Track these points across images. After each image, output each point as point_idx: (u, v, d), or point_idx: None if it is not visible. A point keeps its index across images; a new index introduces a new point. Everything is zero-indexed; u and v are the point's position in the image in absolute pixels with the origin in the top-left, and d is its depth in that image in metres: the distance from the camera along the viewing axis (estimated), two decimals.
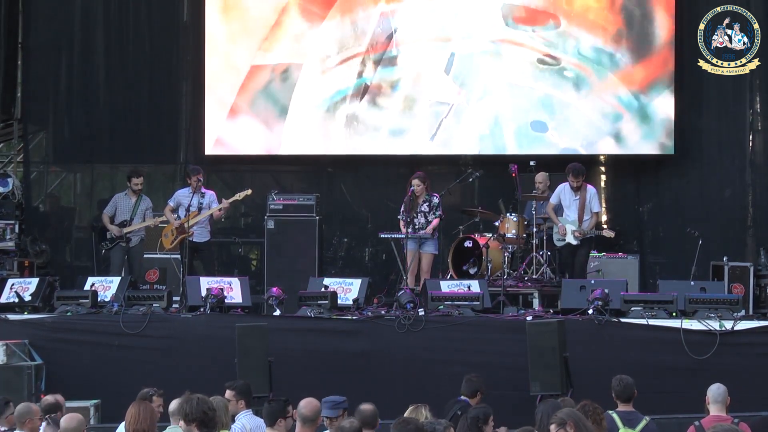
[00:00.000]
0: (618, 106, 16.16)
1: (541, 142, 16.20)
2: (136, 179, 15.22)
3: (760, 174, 16.16)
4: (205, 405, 6.69)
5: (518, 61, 16.26)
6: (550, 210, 14.60)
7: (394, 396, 10.94)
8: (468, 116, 16.33)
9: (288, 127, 16.68)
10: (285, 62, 16.68)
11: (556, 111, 16.20)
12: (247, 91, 16.72)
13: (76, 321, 13.13)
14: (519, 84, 16.27)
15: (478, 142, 16.36)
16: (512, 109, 16.29)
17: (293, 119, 16.66)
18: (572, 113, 16.20)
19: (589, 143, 16.22)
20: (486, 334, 12.65)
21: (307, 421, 7.99)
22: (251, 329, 11.98)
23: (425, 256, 14.46)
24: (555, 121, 16.20)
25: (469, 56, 16.34)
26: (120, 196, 15.34)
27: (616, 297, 12.72)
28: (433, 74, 16.42)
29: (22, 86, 17.29)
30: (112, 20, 17.16)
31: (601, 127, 16.21)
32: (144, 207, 15.23)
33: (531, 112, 16.23)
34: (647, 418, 9.02)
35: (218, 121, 16.74)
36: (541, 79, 16.21)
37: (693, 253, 14.54)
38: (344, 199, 17.24)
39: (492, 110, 16.30)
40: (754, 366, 11.88)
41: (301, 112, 16.65)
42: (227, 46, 16.77)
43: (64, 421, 7.75)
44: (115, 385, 12.29)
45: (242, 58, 16.74)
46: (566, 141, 16.22)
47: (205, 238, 14.91)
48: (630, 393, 9.15)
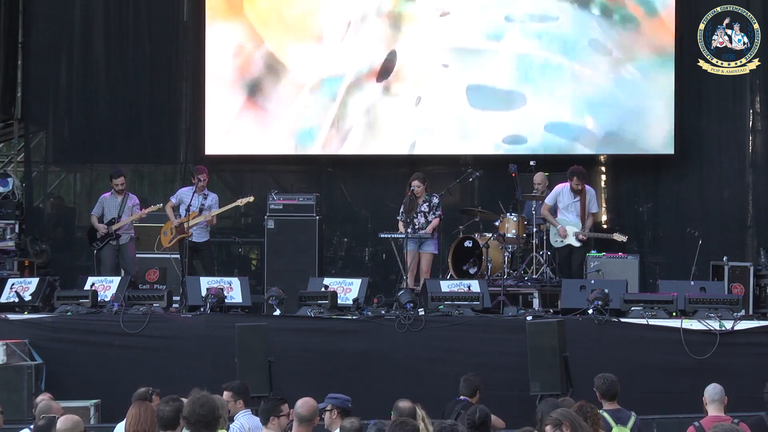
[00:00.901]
0: (617, 105, 16.16)
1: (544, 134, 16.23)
2: (117, 179, 15.20)
3: (760, 174, 16.16)
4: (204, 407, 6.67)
5: (517, 60, 16.28)
6: (545, 211, 14.59)
7: (394, 396, 10.87)
8: (471, 112, 16.35)
9: (288, 127, 16.68)
10: (285, 62, 16.68)
11: (558, 106, 16.22)
12: (247, 91, 16.72)
13: (76, 321, 13.13)
14: (520, 80, 16.28)
15: (482, 137, 16.37)
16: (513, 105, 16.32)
17: (293, 119, 16.66)
18: (571, 111, 16.22)
19: (589, 142, 16.22)
20: (486, 334, 12.64)
21: (303, 420, 7.99)
22: (251, 329, 11.97)
23: (425, 256, 14.46)
24: (557, 116, 16.22)
25: (471, 52, 16.35)
26: (105, 197, 15.34)
27: (616, 297, 12.72)
28: (433, 74, 16.42)
29: (22, 86, 17.29)
30: (112, 20, 17.16)
31: (601, 127, 16.22)
32: (131, 204, 15.21)
33: (534, 106, 16.24)
34: (634, 414, 9.04)
35: (218, 121, 16.74)
36: (541, 77, 16.24)
37: (693, 253, 14.53)
38: (344, 199, 17.24)
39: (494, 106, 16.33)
40: (754, 366, 11.86)
41: (301, 112, 16.65)
42: (227, 46, 16.77)
43: (61, 423, 7.72)
44: (115, 385, 12.28)
45: (242, 58, 16.74)
46: (570, 131, 16.23)
47: (204, 238, 14.92)
48: (615, 390, 9.17)
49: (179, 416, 7.17)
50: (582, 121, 16.25)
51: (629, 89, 16.14)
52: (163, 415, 7.24)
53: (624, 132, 16.20)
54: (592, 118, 16.22)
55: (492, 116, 16.34)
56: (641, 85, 16.11)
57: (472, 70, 16.38)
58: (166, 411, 7.25)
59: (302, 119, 16.67)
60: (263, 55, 16.72)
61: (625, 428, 8.92)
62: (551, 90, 16.25)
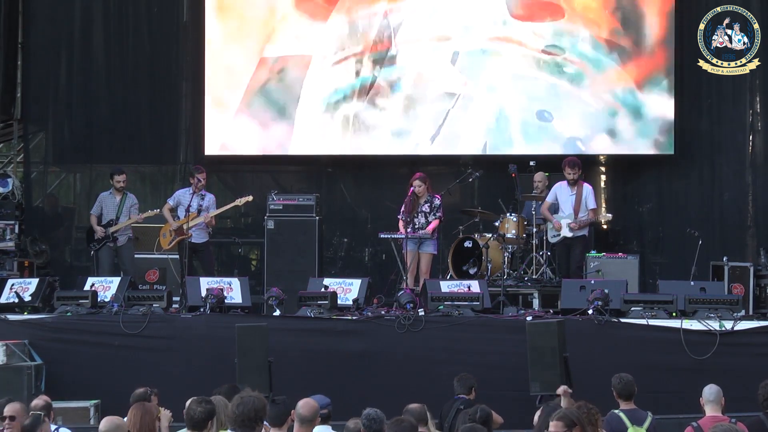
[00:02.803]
0: (617, 104, 16.16)
1: (544, 134, 16.23)
2: (118, 176, 15.21)
3: (760, 174, 16.15)
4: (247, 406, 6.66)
5: (517, 58, 16.28)
6: (544, 209, 14.60)
7: (394, 396, 10.91)
8: (470, 112, 16.35)
9: (288, 127, 16.69)
10: (285, 62, 16.68)
11: (557, 105, 16.22)
12: (246, 91, 16.73)
13: (76, 321, 13.12)
14: (519, 80, 16.28)
15: (481, 137, 16.37)
16: (514, 105, 16.31)
17: (293, 119, 16.67)
18: (571, 111, 16.21)
19: (588, 141, 16.22)
20: (486, 334, 12.64)
21: (304, 421, 8.00)
22: (251, 329, 11.96)
23: (424, 256, 14.45)
24: (557, 116, 16.22)
25: (469, 54, 16.35)
26: (105, 195, 15.34)
27: (616, 297, 12.71)
28: (434, 73, 16.43)
29: (22, 86, 17.28)
30: (112, 20, 17.17)
31: (599, 126, 16.22)
32: (129, 204, 15.21)
33: (533, 106, 16.25)
34: (650, 414, 9.04)
35: (218, 122, 16.75)
36: (540, 76, 16.23)
37: (693, 253, 14.53)
38: (344, 199, 17.25)
39: (494, 106, 16.32)
40: (753, 366, 11.85)
41: (301, 112, 16.66)
42: (227, 46, 16.78)
43: (104, 425, 7.60)
44: (115, 385, 12.26)
45: (242, 58, 16.75)
46: (569, 131, 16.23)
47: (203, 239, 14.92)
48: (631, 390, 9.19)
49: (210, 418, 7.20)
50: (582, 121, 16.24)
51: (629, 89, 16.13)
52: (194, 414, 7.20)
53: (624, 132, 16.20)
54: (592, 118, 16.21)
55: (492, 116, 16.34)
56: (641, 85, 16.10)
57: (473, 70, 16.38)
58: (198, 412, 7.19)
59: (302, 119, 16.66)
60: (263, 55, 16.72)
61: (641, 428, 8.93)
62: (551, 90, 16.24)
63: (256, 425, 6.55)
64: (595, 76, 16.22)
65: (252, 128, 16.74)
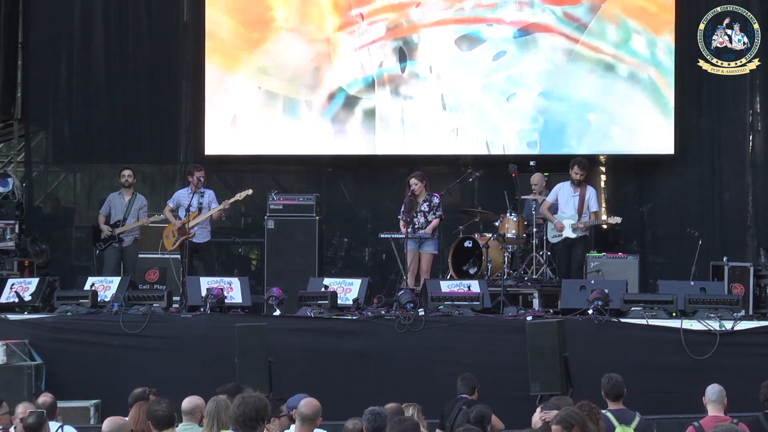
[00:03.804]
0: (617, 105, 16.17)
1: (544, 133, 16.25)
2: (124, 171, 15.24)
3: (760, 174, 16.15)
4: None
5: (517, 60, 16.30)
6: (544, 208, 14.60)
7: (394, 396, 10.88)
8: (469, 115, 16.37)
9: (288, 127, 16.69)
10: (285, 62, 16.68)
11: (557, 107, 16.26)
12: (246, 91, 16.73)
13: (76, 321, 13.13)
14: (519, 78, 16.30)
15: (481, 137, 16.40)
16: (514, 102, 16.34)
17: (293, 119, 16.67)
18: (571, 112, 16.24)
19: (589, 142, 16.23)
20: (486, 334, 12.64)
21: (306, 420, 8.00)
22: (251, 329, 11.97)
23: (424, 256, 14.46)
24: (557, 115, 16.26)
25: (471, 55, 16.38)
26: (114, 196, 15.37)
27: (616, 297, 12.71)
28: (435, 73, 16.44)
29: (22, 86, 17.28)
30: (112, 20, 17.16)
31: (601, 127, 16.23)
32: (138, 206, 15.23)
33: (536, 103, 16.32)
34: (639, 414, 9.04)
35: (218, 121, 16.75)
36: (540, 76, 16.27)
37: (693, 253, 14.53)
38: (344, 199, 17.24)
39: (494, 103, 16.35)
40: (754, 366, 11.86)
41: (301, 112, 16.65)
42: (227, 46, 16.77)
43: (107, 425, 7.64)
44: (115, 385, 12.27)
45: (242, 58, 16.74)
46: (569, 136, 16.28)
47: (205, 239, 14.92)
48: (619, 391, 9.18)
49: (171, 418, 7.41)
50: (582, 121, 16.25)
51: (629, 89, 16.13)
52: (156, 414, 7.33)
53: (624, 132, 16.20)
54: (592, 118, 16.22)
55: (492, 116, 16.34)
56: (641, 85, 16.10)
57: (473, 71, 16.39)
58: (160, 411, 7.35)
59: (303, 119, 16.66)
60: (264, 56, 16.72)
61: (629, 428, 8.93)
62: (551, 90, 16.25)
63: (258, 425, 6.56)
64: (596, 77, 16.21)
65: (252, 128, 16.74)
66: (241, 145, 16.82)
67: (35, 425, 8.08)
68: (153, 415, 7.45)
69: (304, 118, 16.64)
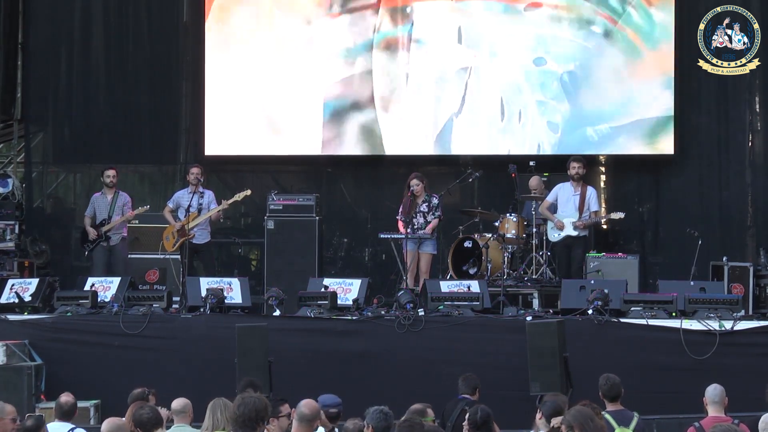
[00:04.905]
0: (617, 106, 16.17)
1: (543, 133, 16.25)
2: (108, 171, 15.22)
3: (759, 174, 16.15)
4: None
5: (518, 61, 16.31)
6: (544, 208, 14.60)
7: (394, 396, 10.91)
8: (469, 115, 16.38)
9: (288, 126, 16.69)
10: (285, 62, 16.68)
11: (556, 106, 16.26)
12: (247, 91, 16.73)
13: (76, 321, 13.13)
14: (518, 75, 16.31)
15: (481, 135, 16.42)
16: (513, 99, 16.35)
17: (293, 119, 16.67)
18: (571, 112, 16.24)
19: (589, 142, 16.24)
20: (486, 334, 12.64)
21: (305, 420, 7.99)
22: (251, 329, 11.97)
23: (424, 256, 14.46)
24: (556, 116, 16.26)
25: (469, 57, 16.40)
26: (97, 196, 15.36)
27: (616, 297, 12.71)
28: (436, 72, 16.45)
29: (22, 86, 17.29)
30: (112, 20, 17.17)
31: (601, 127, 16.23)
32: (121, 203, 15.20)
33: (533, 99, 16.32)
34: (637, 415, 9.04)
35: (218, 122, 16.75)
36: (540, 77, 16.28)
37: (693, 253, 14.53)
38: (344, 199, 17.24)
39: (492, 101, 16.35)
40: (754, 366, 11.87)
41: (301, 112, 16.65)
42: (227, 46, 16.77)
43: (105, 426, 7.67)
44: (115, 385, 12.27)
45: (242, 58, 16.74)
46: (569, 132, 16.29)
47: (205, 239, 14.91)
48: (617, 392, 9.18)
49: (157, 419, 7.50)
50: (582, 122, 16.25)
51: (629, 89, 16.13)
52: (142, 419, 7.41)
53: (624, 132, 16.20)
54: (592, 118, 16.22)
55: (492, 116, 16.35)
56: (641, 85, 16.10)
57: (473, 73, 16.39)
58: (144, 415, 7.46)
59: (303, 119, 16.67)
60: (264, 56, 16.72)
61: (627, 429, 8.92)
62: (551, 90, 16.25)
63: (257, 426, 6.56)
64: (596, 77, 16.22)
65: (252, 128, 16.74)
66: (241, 145, 16.83)
67: (34, 428, 8.08)
68: (138, 419, 7.49)
69: (305, 118, 16.64)
